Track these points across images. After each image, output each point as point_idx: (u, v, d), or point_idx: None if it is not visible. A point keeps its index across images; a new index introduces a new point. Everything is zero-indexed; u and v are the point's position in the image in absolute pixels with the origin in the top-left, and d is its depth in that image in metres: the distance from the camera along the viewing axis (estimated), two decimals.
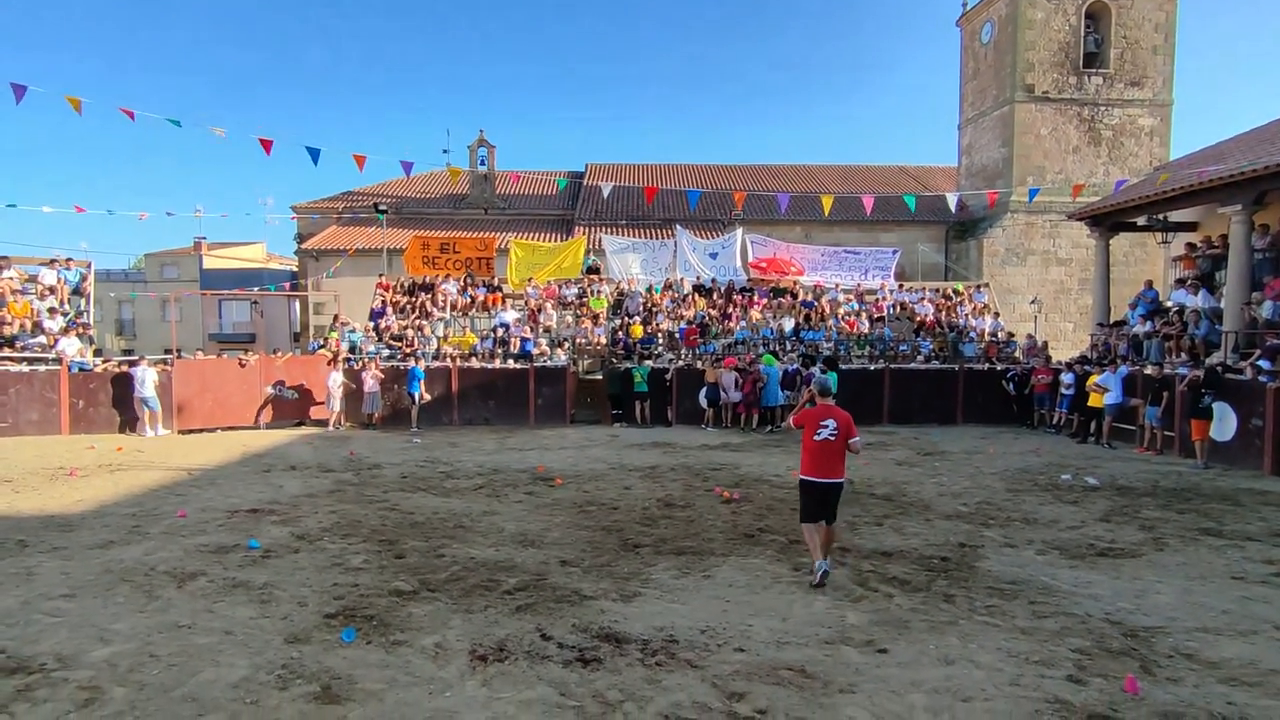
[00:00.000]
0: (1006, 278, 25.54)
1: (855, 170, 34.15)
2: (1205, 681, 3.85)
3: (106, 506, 7.80)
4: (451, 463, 10.86)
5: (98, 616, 4.63)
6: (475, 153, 30.05)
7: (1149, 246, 22.84)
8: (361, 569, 5.65)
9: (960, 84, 28.81)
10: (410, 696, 3.61)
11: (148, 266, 38.90)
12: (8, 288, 15.87)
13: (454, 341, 17.42)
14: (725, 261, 20.78)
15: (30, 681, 3.72)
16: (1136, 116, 25.75)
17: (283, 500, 8.13)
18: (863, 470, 10.36)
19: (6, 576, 5.41)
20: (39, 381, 13.99)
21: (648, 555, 6.11)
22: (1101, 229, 17.20)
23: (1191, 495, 8.77)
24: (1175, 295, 15.12)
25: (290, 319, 33.82)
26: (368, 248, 25.30)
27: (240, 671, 3.86)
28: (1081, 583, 5.46)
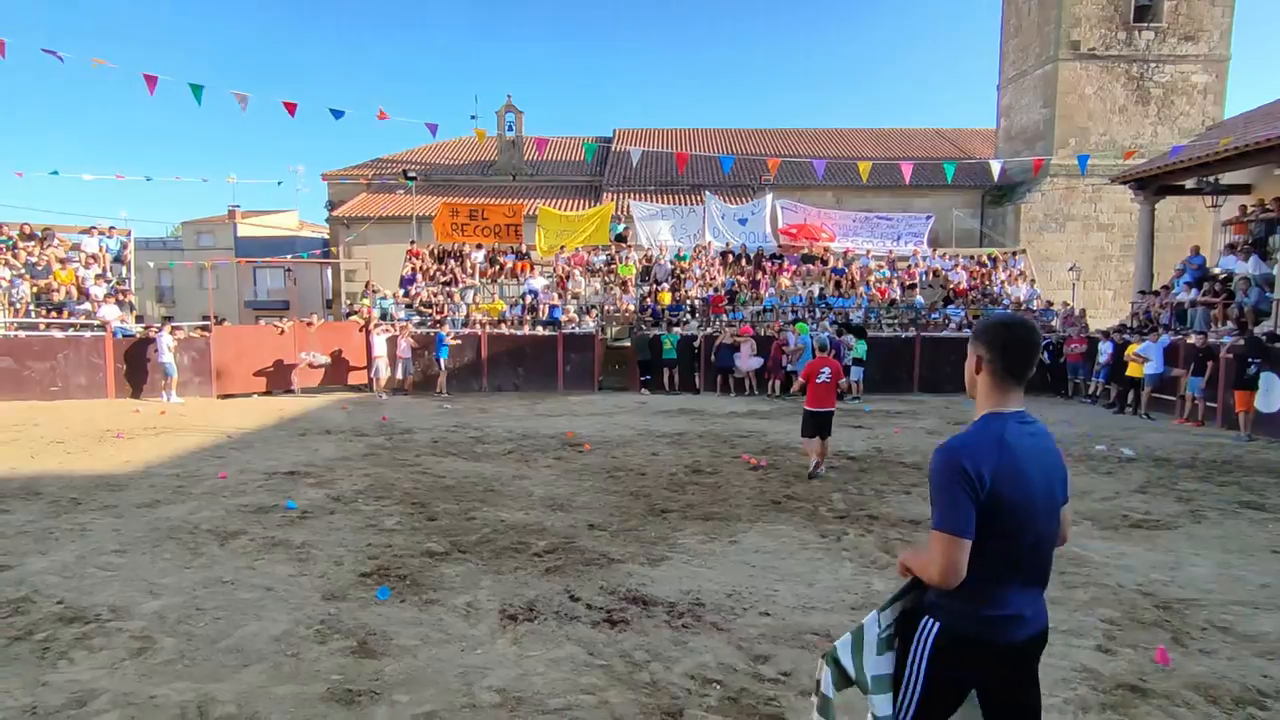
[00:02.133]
0: (1044, 244, 24.81)
1: (888, 134, 33.25)
2: (1240, 654, 3.80)
3: (152, 467, 8.09)
4: (481, 428, 11.03)
5: (147, 571, 4.83)
6: (503, 118, 29.84)
7: (1197, 211, 21.96)
8: (395, 530, 5.80)
9: (1000, 41, 27.70)
10: (443, 653, 3.72)
11: (184, 234, 39.66)
12: (54, 257, 16.33)
13: (483, 308, 17.56)
14: (755, 228, 20.53)
15: (87, 630, 3.92)
16: (1190, 73, 24.52)
17: (318, 463, 8.35)
18: (892, 439, 10.29)
19: (63, 532, 5.66)
20: (85, 347, 14.44)
21: (675, 520, 6.17)
22: (1147, 192, 16.59)
23: (1233, 467, 8.55)
24: (1224, 261, 14.57)
25: (323, 286, 34.33)
26: (397, 214, 25.44)
27: (281, 626, 4.01)
28: (1114, 554, 5.39)
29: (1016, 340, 1.98)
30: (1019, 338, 1.98)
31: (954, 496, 1.87)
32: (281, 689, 3.34)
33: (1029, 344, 1.98)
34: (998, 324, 2.07)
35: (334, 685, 3.36)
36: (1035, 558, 1.94)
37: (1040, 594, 1.99)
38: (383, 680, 3.43)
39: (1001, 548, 1.88)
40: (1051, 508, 1.96)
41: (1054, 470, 1.99)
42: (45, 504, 6.49)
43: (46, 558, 5.08)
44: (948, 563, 1.86)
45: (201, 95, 11.86)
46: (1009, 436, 1.93)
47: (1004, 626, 1.91)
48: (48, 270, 15.96)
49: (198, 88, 11.82)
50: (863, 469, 8.28)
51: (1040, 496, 1.93)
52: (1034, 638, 1.97)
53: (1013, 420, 1.97)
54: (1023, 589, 1.93)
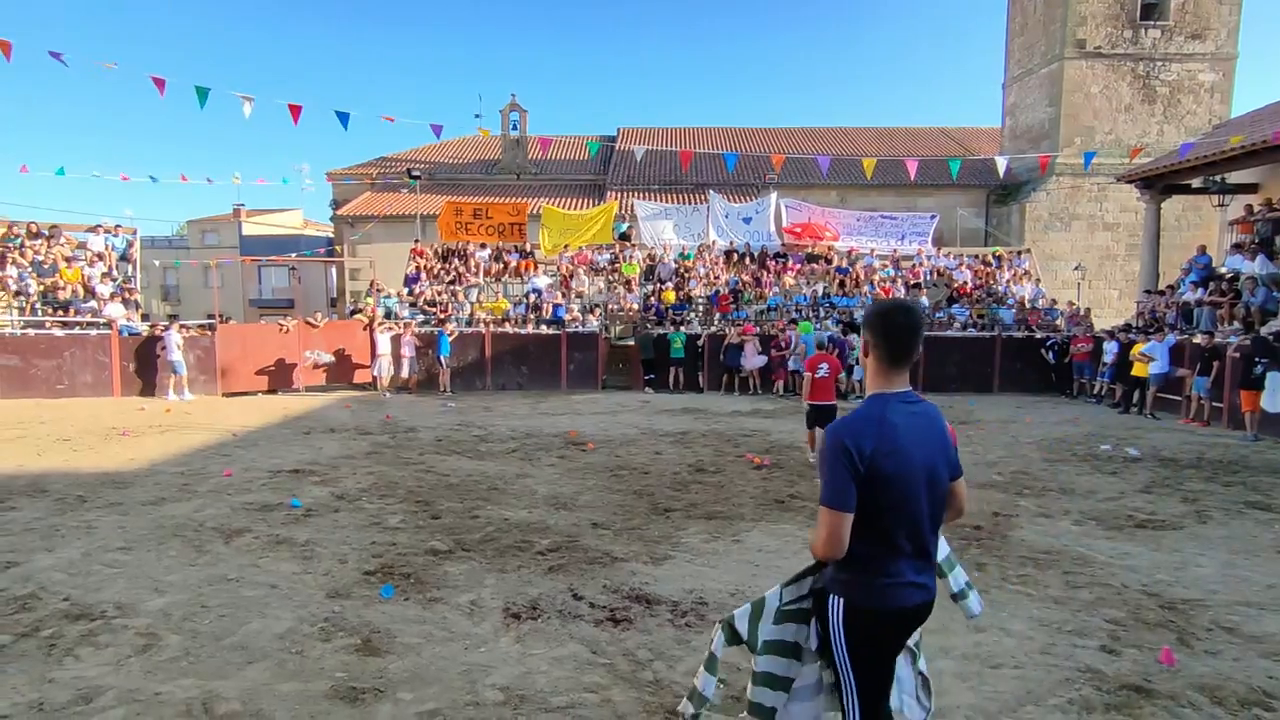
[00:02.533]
0: (1049, 243, 24.74)
1: (893, 132, 33.19)
2: (1246, 655, 3.78)
3: (158, 465, 8.12)
4: (485, 427, 11.04)
5: (152, 568, 4.85)
6: (507, 117, 29.88)
7: (1203, 210, 21.88)
8: (399, 528, 5.81)
9: (1006, 40, 27.62)
10: (446, 651, 3.73)
11: (190, 233, 39.76)
12: (60, 255, 16.39)
13: (487, 307, 17.58)
14: (759, 226, 20.51)
15: (93, 627, 3.94)
16: (1197, 71, 24.41)
17: (322, 461, 8.37)
18: None
19: (69, 529, 5.69)
20: (91, 345, 14.50)
21: (678, 519, 6.17)
22: (1153, 192, 16.53)
23: (1239, 468, 8.52)
24: (1230, 261, 14.50)
25: (327, 285, 34.40)
26: (401, 213, 25.48)
27: (285, 623, 4.02)
28: (1118, 554, 5.38)
29: (896, 326, 2.11)
30: (899, 324, 2.12)
31: (835, 472, 2.01)
32: (286, 686, 3.35)
33: (908, 329, 2.11)
34: (880, 311, 2.17)
35: (338, 683, 3.37)
36: (919, 529, 2.07)
37: (929, 563, 2.12)
38: (386, 678, 3.44)
39: (887, 520, 2.02)
40: (934, 481, 2.08)
41: (936, 446, 2.10)
42: (51, 501, 6.52)
43: (53, 555, 5.10)
44: (829, 534, 2.01)
45: (206, 98, 11.87)
46: (890, 415, 2.06)
47: (898, 593, 2.07)
48: (54, 268, 16.02)
49: (203, 91, 11.83)
50: None
51: (920, 470, 2.05)
52: (926, 604, 2.12)
53: (896, 400, 2.10)
54: (911, 558, 2.07)
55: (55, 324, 14.94)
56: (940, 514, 2.14)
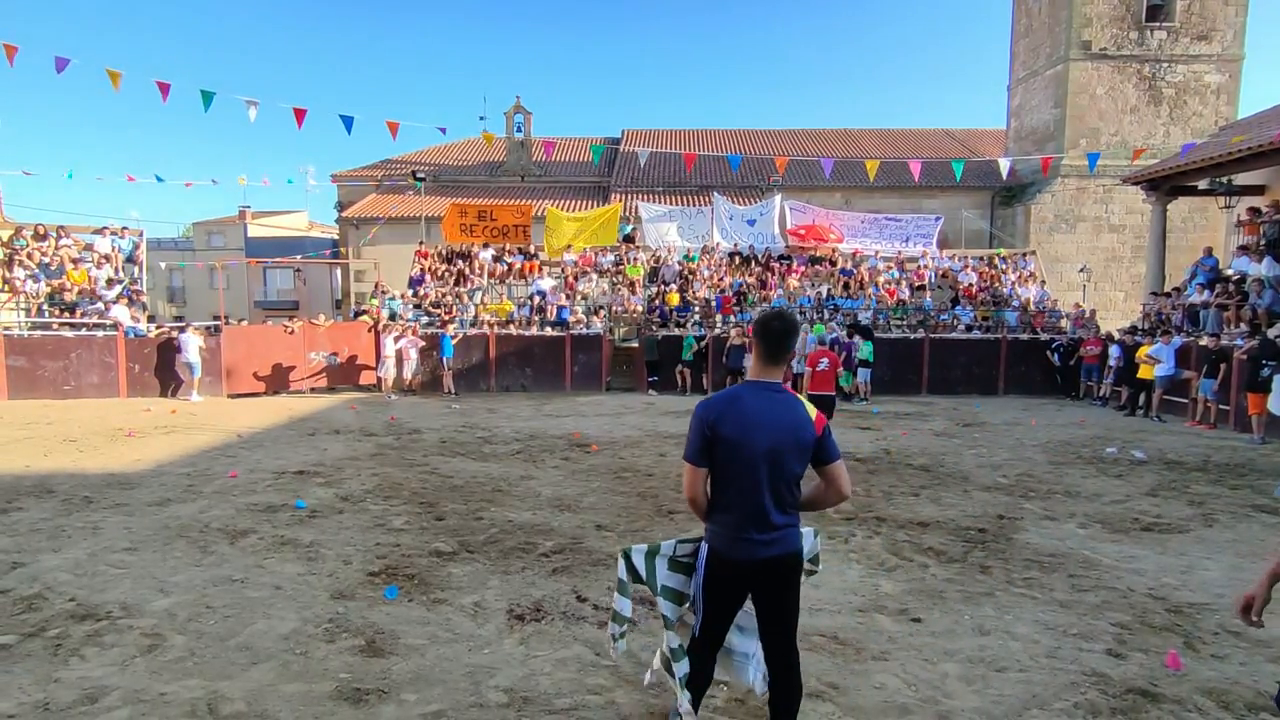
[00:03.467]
0: (1055, 245, 24.67)
1: (898, 134, 33.15)
2: (1253, 659, 3.76)
3: (163, 466, 8.15)
4: (489, 428, 11.05)
5: (158, 569, 4.87)
6: (512, 119, 29.91)
7: (1209, 212, 21.81)
8: (403, 530, 5.82)
9: (1011, 42, 27.58)
10: (450, 652, 3.73)
11: (195, 235, 39.95)
12: (67, 256, 16.47)
13: (491, 309, 17.60)
14: (763, 228, 20.49)
15: (99, 628, 3.95)
16: (1203, 73, 24.32)
17: (327, 463, 8.39)
18: (900, 441, 10.25)
19: (75, 530, 5.71)
20: (98, 347, 14.57)
21: (682, 521, 6.16)
22: (1159, 193, 16.47)
23: (1245, 470, 8.47)
24: (1237, 263, 14.44)
25: (332, 286, 34.50)
26: (406, 215, 25.54)
27: (290, 624, 4.03)
28: (1124, 557, 5.35)
29: (771, 331, 2.55)
30: (773, 329, 2.54)
31: (692, 434, 2.53)
32: (290, 687, 3.35)
33: (778, 333, 2.54)
34: (761, 318, 2.61)
35: (342, 684, 3.38)
36: (758, 496, 2.48)
37: (770, 527, 2.50)
38: (390, 679, 3.44)
39: (735, 486, 2.49)
40: (777, 459, 2.45)
41: (785, 430, 2.46)
42: (58, 502, 6.54)
43: (59, 555, 5.12)
44: (688, 483, 2.58)
45: (211, 102, 11.93)
46: (746, 397, 2.50)
47: (744, 547, 2.51)
48: (61, 270, 16.10)
49: (208, 95, 11.89)
50: (871, 470, 8.25)
51: (761, 444, 2.44)
52: (776, 558, 2.53)
53: (759, 387, 2.53)
54: (752, 518, 2.49)
55: (62, 325, 15.00)
56: (786, 489, 2.49)
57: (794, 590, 2.64)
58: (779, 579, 2.58)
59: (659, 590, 2.78)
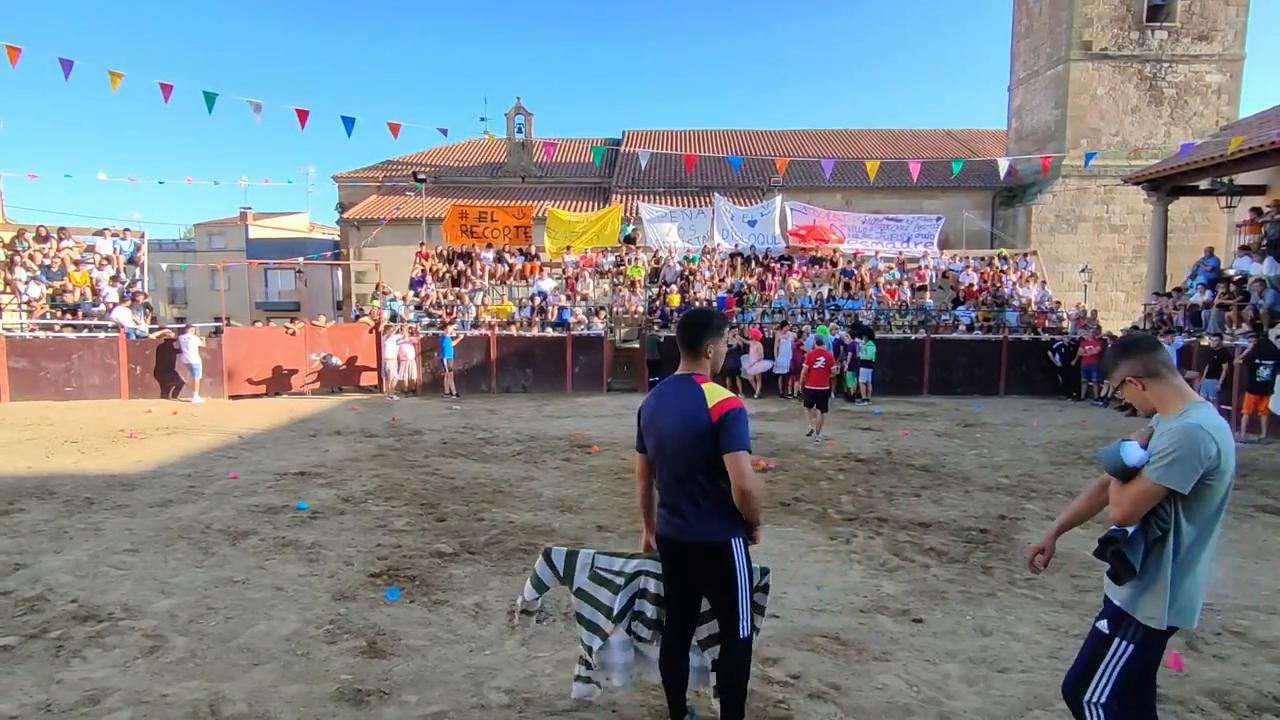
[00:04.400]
0: (1055, 245, 24.65)
1: (899, 134, 33.14)
2: (1255, 660, 3.76)
3: (164, 467, 8.15)
4: (490, 429, 11.05)
5: (159, 570, 4.87)
6: (512, 120, 29.93)
7: (1210, 212, 21.78)
8: (404, 531, 5.82)
9: (1011, 42, 27.57)
10: (452, 653, 3.73)
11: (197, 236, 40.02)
12: (68, 258, 16.48)
13: (492, 310, 17.60)
14: (764, 229, 20.48)
15: (100, 629, 3.95)
16: (1203, 73, 24.30)
17: (328, 464, 8.39)
18: (902, 441, 10.24)
19: (77, 531, 5.72)
20: (99, 348, 14.58)
21: None
22: (1160, 193, 16.46)
23: (1248, 471, 8.46)
24: (1238, 263, 14.43)
25: (333, 287, 34.53)
26: (407, 216, 25.56)
27: (291, 625, 4.03)
28: None
29: (681, 326, 2.80)
30: (682, 324, 2.81)
31: (636, 424, 2.86)
32: (291, 688, 3.35)
33: (685, 327, 2.77)
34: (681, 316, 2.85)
35: (343, 685, 3.38)
36: (668, 481, 2.69)
37: (681, 511, 2.65)
38: (392, 680, 3.44)
39: (657, 469, 2.76)
40: (673, 444, 2.62)
41: (676, 415, 2.62)
42: (59, 503, 6.55)
43: (60, 557, 5.12)
44: (635, 466, 2.95)
45: (214, 103, 11.92)
46: (663, 389, 2.77)
47: (666, 525, 2.73)
48: (62, 272, 16.11)
49: (210, 96, 11.87)
50: (872, 471, 8.24)
51: (662, 431, 2.67)
52: (688, 544, 2.67)
53: (675, 379, 2.74)
54: (668, 501, 2.71)
55: (64, 327, 15.01)
56: (689, 477, 2.61)
57: (714, 584, 2.70)
58: (697, 566, 2.71)
59: (574, 590, 3.03)
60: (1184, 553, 2.18)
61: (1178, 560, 2.18)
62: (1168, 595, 2.18)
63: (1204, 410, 2.19)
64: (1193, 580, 2.20)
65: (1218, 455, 2.10)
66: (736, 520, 2.64)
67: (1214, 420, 2.15)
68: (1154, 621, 2.21)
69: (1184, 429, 2.12)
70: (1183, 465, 2.10)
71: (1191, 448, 2.09)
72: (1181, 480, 2.11)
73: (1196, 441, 2.09)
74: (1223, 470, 2.13)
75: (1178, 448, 2.11)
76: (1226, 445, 2.12)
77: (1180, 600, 2.20)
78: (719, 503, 2.60)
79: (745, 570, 2.68)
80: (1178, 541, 2.18)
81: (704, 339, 2.71)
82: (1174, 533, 2.18)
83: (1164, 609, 2.19)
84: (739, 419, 2.55)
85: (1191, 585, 2.20)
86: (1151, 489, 2.16)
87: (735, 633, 2.70)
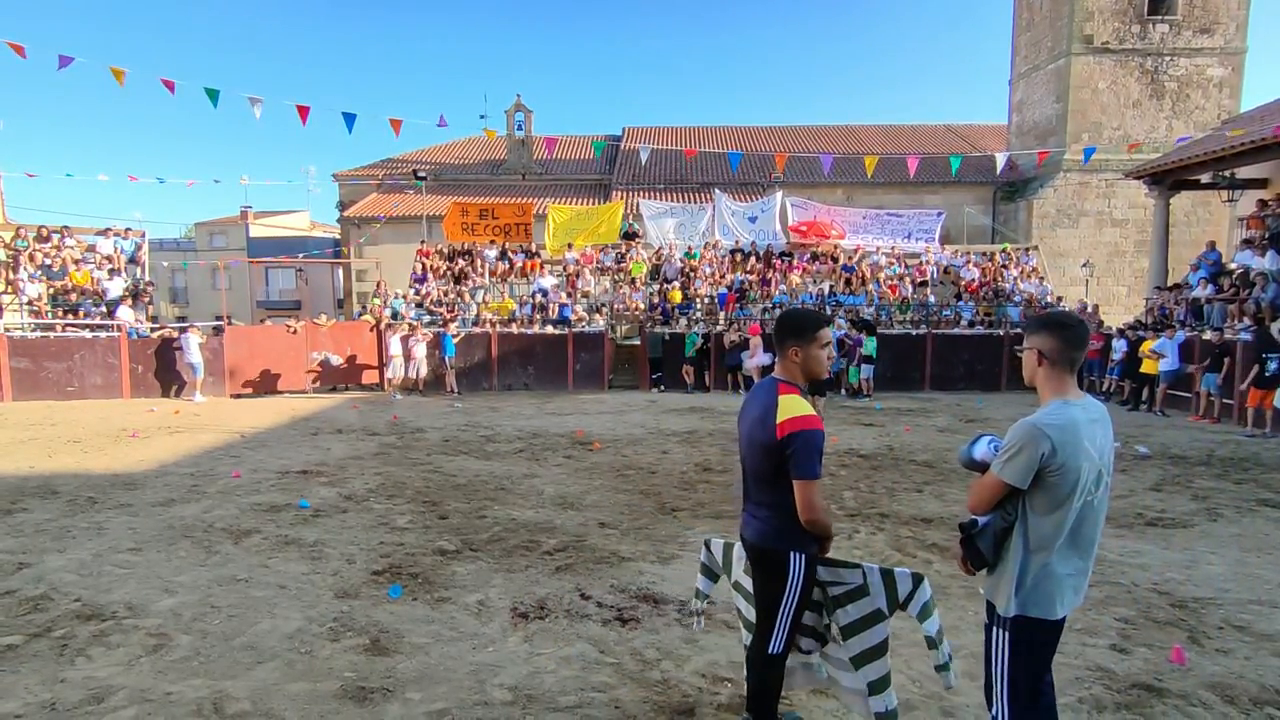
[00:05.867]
0: (1057, 240, 24.59)
1: (899, 130, 33.07)
2: (1258, 654, 3.76)
3: (167, 466, 8.16)
4: (492, 427, 11.06)
5: (162, 569, 4.88)
6: (512, 117, 29.90)
7: (1212, 206, 21.71)
8: (406, 529, 5.83)
9: (1012, 36, 27.47)
10: (455, 650, 3.74)
11: (198, 235, 40.00)
12: (69, 257, 16.50)
13: (493, 307, 17.60)
14: (764, 225, 20.46)
15: (104, 628, 3.96)
16: (1205, 66, 24.20)
17: (330, 462, 8.40)
18: (904, 437, 10.24)
19: (80, 530, 5.73)
20: (101, 348, 14.60)
21: (685, 519, 6.17)
22: (1161, 188, 16.41)
23: (1250, 465, 8.46)
24: (1240, 256, 14.38)
25: (334, 286, 34.53)
26: (408, 214, 25.56)
27: (294, 623, 4.04)
28: (1129, 552, 5.35)
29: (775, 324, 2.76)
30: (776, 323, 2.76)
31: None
32: (295, 686, 3.36)
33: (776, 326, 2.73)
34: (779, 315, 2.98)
35: (347, 683, 3.38)
36: (748, 480, 2.71)
37: (752, 510, 2.67)
38: (395, 678, 3.45)
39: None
40: (749, 452, 2.63)
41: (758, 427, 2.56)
42: (63, 503, 6.56)
43: (64, 556, 5.14)
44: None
45: (217, 99, 11.96)
46: (755, 388, 2.75)
47: (742, 523, 2.77)
48: (63, 271, 16.13)
49: (213, 92, 11.92)
50: (874, 467, 8.24)
51: (745, 437, 2.66)
52: (748, 543, 2.70)
53: (766, 381, 2.69)
54: (746, 499, 2.74)
55: (68, 327, 15.03)
56: (753, 481, 2.64)
57: (760, 580, 2.68)
58: (753, 562, 2.71)
59: (733, 586, 3.05)
60: (1035, 543, 2.22)
61: (1029, 550, 2.22)
62: (1014, 583, 2.24)
63: (1055, 408, 2.20)
64: (1048, 571, 2.21)
65: (1053, 453, 2.12)
66: (800, 533, 2.55)
67: (1056, 420, 2.16)
68: (1004, 609, 2.27)
69: (1024, 426, 2.18)
70: (1017, 461, 2.16)
71: (1026, 444, 2.15)
72: (1015, 475, 2.17)
73: (1032, 439, 2.14)
74: (1065, 467, 2.13)
75: (1014, 444, 2.18)
76: (1065, 442, 2.13)
77: (1031, 590, 2.22)
78: (783, 512, 2.54)
79: (797, 586, 2.58)
80: (1026, 532, 2.23)
81: (785, 341, 2.62)
82: (1022, 523, 2.24)
83: (1010, 596, 2.24)
84: (810, 444, 2.43)
85: (1046, 576, 2.21)
86: (993, 482, 2.24)
87: (766, 644, 2.66)
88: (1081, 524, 2.22)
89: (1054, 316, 2.35)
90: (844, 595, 2.71)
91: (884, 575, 2.69)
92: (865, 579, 2.69)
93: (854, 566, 2.74)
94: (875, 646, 2.67)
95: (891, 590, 2.66)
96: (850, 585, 2.71)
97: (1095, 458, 2.18)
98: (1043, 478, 2.16)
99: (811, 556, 2.60)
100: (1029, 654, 2.28)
